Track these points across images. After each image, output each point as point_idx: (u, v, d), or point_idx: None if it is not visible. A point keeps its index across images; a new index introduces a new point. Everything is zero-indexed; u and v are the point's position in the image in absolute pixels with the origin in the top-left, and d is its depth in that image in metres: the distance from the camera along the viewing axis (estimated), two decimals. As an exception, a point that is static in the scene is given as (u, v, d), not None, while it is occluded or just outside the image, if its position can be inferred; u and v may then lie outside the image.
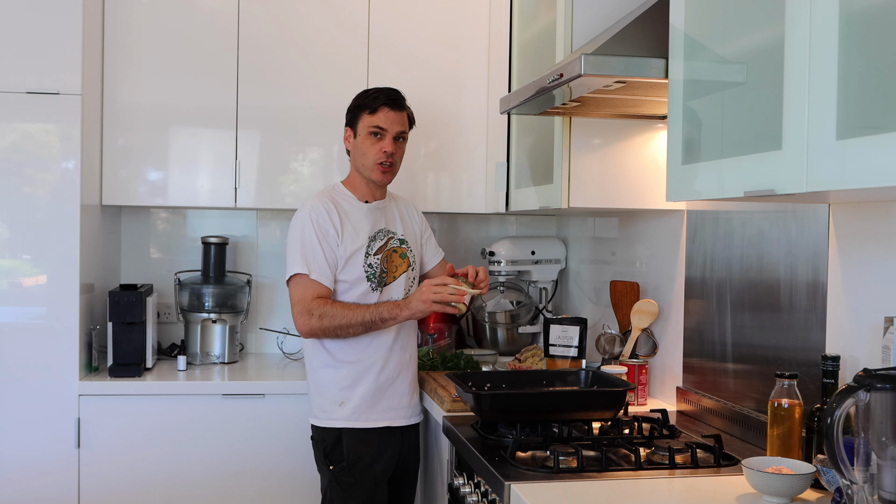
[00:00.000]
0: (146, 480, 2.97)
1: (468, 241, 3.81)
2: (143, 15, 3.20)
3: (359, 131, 2.61)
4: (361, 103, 2.62)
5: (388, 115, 2.59)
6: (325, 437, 2.59)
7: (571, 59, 2.00)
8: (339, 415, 2.57)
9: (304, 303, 2.51)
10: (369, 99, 2.60)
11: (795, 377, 1.85)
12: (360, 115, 2.61)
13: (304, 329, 2.51)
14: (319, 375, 2.60)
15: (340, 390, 2.57)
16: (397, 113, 2.60)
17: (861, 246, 1.85)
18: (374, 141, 2.58)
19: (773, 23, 1.50)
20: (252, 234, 3.65)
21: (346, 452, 2.56)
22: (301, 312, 2.51)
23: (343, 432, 2.56)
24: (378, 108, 2.58)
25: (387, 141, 2.58)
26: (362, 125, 2.60)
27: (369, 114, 2.59)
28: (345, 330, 2.50)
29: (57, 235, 2.93)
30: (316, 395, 2.62)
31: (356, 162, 2.64)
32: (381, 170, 2.60)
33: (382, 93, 2.61)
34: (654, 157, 2.59)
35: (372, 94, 2.62)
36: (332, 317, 2.48)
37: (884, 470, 1.37)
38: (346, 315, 2.48)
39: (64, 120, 2.93)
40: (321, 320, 2.48)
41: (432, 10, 3.36)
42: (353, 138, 2.64)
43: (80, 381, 2.94)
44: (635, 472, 1.89)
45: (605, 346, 2.77)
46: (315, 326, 2.49)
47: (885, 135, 1.23)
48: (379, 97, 2.59)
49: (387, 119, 2.58)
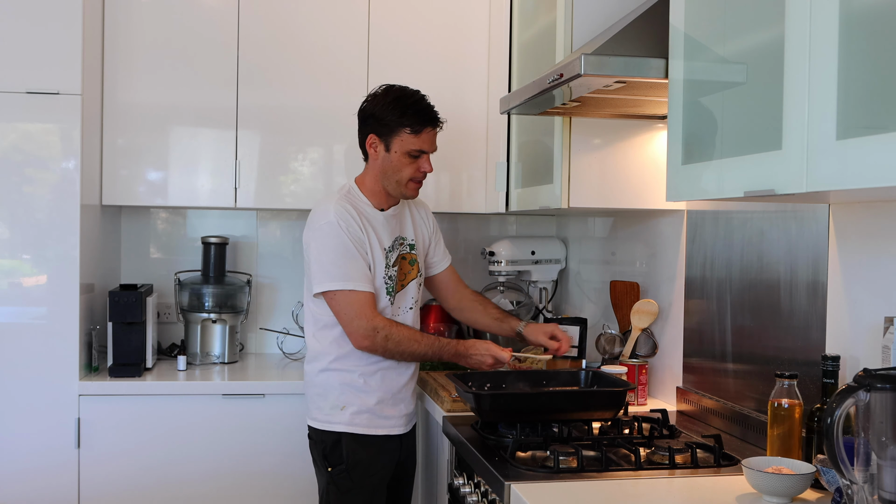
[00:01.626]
0: (146, 480, 2.97)
1: (468, 241, 3.82)
2: (143, 15, 3.20)
3: (394, 147, 2.44)
4: (401, 121, 2.42)
5: (430, 134, 2.45)
6: (323, 438, 2.51)
7: (571, 59, 2.00)
8: (340, 419, 2.49)
9: (365, 318, 2.38)
10: (410, 116, 2.42)
11: (795, 377, 1.85)
12: (398, 132, 2.43)
13: (365, 345, 2.41)
14: (322, 378, 2.51)
15: (343, 395, 2.48)
16: (436, 130, 2.48)
17: (861, 246, 1.85)
18: (412, 161, 2.45)
19: (773, 23, 1.50)
20: (252, 234, 3.65)
21: (345, 455, 2.48)
22: (364, 329, 2.38)
23: (343, 435, 2.49)
24: (422, 130, 2.43)
25: (426, 160, 2.47)
26: (400, 143, 2.43)
27: (411, 134, 2.42)
28: (405, 356, 2.46)
29: (57, 235, 2.93)
30: (316, 398, 2.53)
31: (384, 176, 2.48)
32: (415, 187, 2.50)
33: (424, 111, 2.43)
34: (654, 157, 2.59)
35: (411, 108, 2.42)
36: (399, 342, 2.41)
37: (884, 470, 1.37)
38: (411, 345, 2.42)
39: (64, 120, 2.93)
40: (386, 342, 2.40)
41: (432, 11, 3.36)
42: (385, 151, 2.46)
43: (80, 381, 2.94)
44: (635, 472, 1.89)
45: (605, 346, 2.77)
46: (379, 346, 2.40)
47: (885, 135, 1.23)
48: (422, 116, 2.43)
49: (429, 139, 2.45)
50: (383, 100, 2.45)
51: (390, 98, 2.45)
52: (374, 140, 2.47)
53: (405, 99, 2.44)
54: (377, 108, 2.45)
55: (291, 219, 3.66)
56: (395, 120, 2.42)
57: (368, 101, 2.50)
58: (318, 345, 2.53)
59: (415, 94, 2.47)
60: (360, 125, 2.53)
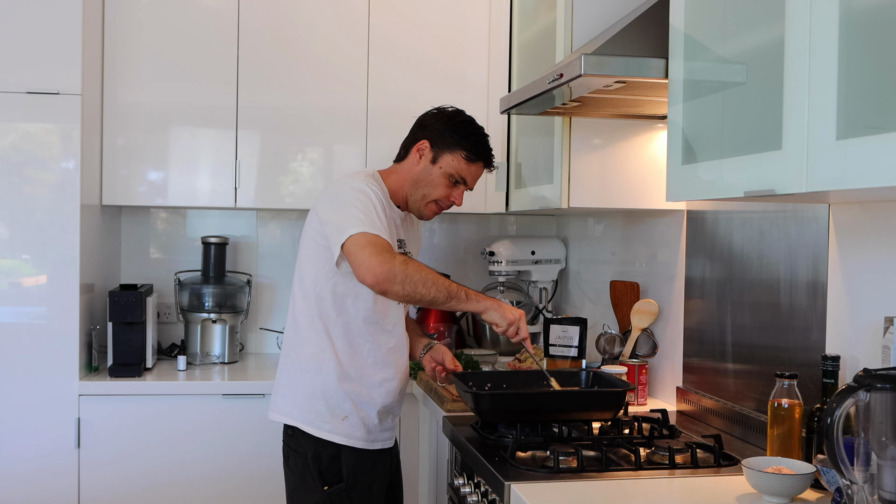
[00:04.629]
0: (146, 480, 2.97)
1: (468, 241, 3.82)
2: (143, 15, 3.20)
3: (441, 163, 2.37)
4: (462, 143, 2.37)
5: (478, 170, 2.41)
6: (319, 451, 2.31)
7: (571, 59, 2.00)
8: (341, 429, 2.31)
9: (380, 245, 2.15)
10: (473, 143, 2.37)
11: (795, 377, 1.85)
12: (454, 151, 2.36)
13: (383, 268, 2.10)
14: (324, 378, 2.32)
15: (344, 402, 2.32)
16: (485, 171, 2.44)
17: (861, 246, 1.85)
18: (449, 183, 2.38)
19: (773, 23, 1.50)
20: (252, 234, 3.65)
21: (345, 473, 2.30)
22: (379, 252, 2.12)
23: (342, 450, 2.31)
24: (476, 161, 2.38)
25: (461, 192, 2.41)
26: (450, 162, 2.37)
27: (465, 159, 2.36)
28: (426, 286, 2.14)
29: (57, 235, 2.93)
30: (315, 401, 2.32)
31: (414, 184, 2.40)
32: (435, 211, 2.43)
33: (486, 146, 2.41)
34: (654, 157, 2.59)
35: (476, 137, 2.39)
36: (417, 268, 2.15)
37: (884, 470, 1.37)
38: (430, 272, 2.17)
39: (64, 120, 2.93)
40: (406, 266, 2.13)
41: (432, 11, 3.36)
42: (430, 162, 2.38)
43: (80, 381, 2.94)
44: (635, 472, 1.89)
45: (605, 346, 2.77)
46: (398, 269, 2.11)
47: (885, 135, 1.23)
48: (482, 149, 2.39)
49: (475, 173, 2.41)
50: (453, 118, 2.42)
51: (460, 119, 2.41)
52: (425, 146, 2.39)
53: (474, 127, 2.42)
54: (443, 121, 2.41)
55: (291, 219, 3.66)
56: (457, 140, 2.37)
57: (437, 113, 2.44)
58: (325, 341, 2.33)
59: (482, 128, 2.44)
60: (415, 129, 2.46)
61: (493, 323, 2.24)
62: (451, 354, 2.51)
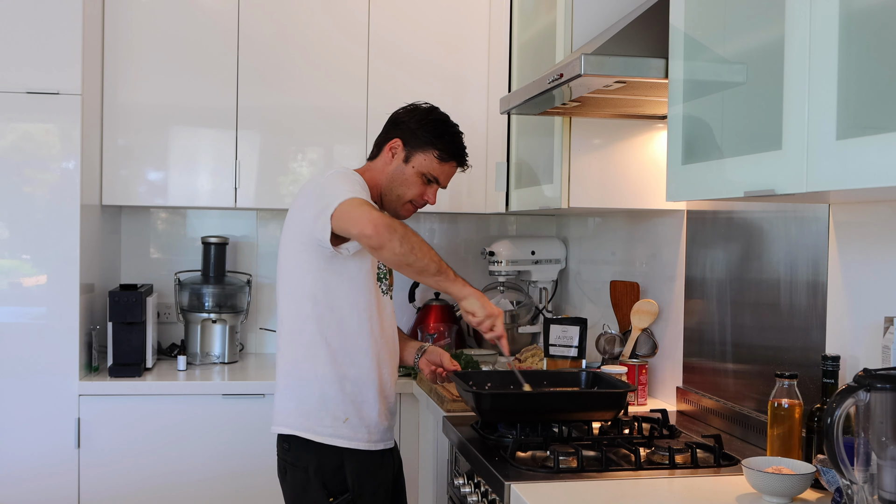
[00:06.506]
0: (146, 480, 2.97)
1: (468, 241, 3.82)
2: (143, 15, 3.20)
3: (413, 162, 2.34)
4: (434, 142, 2.34)
5: (451, 169, 2.38)
6: (322, 461, 2.21)
7: (571, 59, 2.00)
8: (343, 432, 2.23)
9: (376, 207, 2.12)
10: (446, 142, 2.34)
11: (795, 377, 1.85)
12: (426, 150, 2.33)
13: (385, 220, 2.05)
14: (322, 380, 2.26)
15: (344, 403, 2.24)
16: (458, 170, 2.41)
17: (861, 246, 1.85)
18: (423, 182, 2.35)
19: (773, 23, 1.50)
20: (252, 234, 3.65)
21: (350, 481, 2.22)
22: (372, 210, 2.07)
23: (346, 457, 2.22)
24: (449, 160, 2.35)
25: (434, 191, 2.38)
26: (421, 162, 2.33)
27: (437, 158, 2.33)
28: (421, 251, 2.08)
29: (57, 235, 2.93)
30: (314, 407, 2.24)
31: (389, 184, 2.36)
32: (410, 210, 2.39)
33: (459, 145, 2.37)
34: (654, 157, 2.59)
35: (449, 135, 2.36)
36: (416, 234, 2.09)
37: (884, 470, 1.37)
38: (426, 242, 2.12)
39: (64, 120, 2.93)
40: (405, 227, 2.08)
41: (432, 11, 3.36)
42: (402, 161, 2.35)
43: (80, 381, 2.94)
44: (635, 472, 1.88)
45: (605, 346, 2.77)
46: (398, 225, 2.06)
47: (885, 135, 1.23)
48: (455, 148, 2.36)
49: (448, 173, 2.38)
50: (425, 116, 2.38)
51: (433, 117, 2.38)
52: (397, 145, 2.36)
53: (447, 126, 2.38)
54: (416, 119, 2.37)
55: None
56: (429, 139, 2.34)
57: (408, 111, 2.40)
58: (318, 342, 2.26)
59: (456, 126, 2.41)
60: (388, 126, 2.42)
61: (471, 312, 2.16)
62: (447, 355, 2.49)
